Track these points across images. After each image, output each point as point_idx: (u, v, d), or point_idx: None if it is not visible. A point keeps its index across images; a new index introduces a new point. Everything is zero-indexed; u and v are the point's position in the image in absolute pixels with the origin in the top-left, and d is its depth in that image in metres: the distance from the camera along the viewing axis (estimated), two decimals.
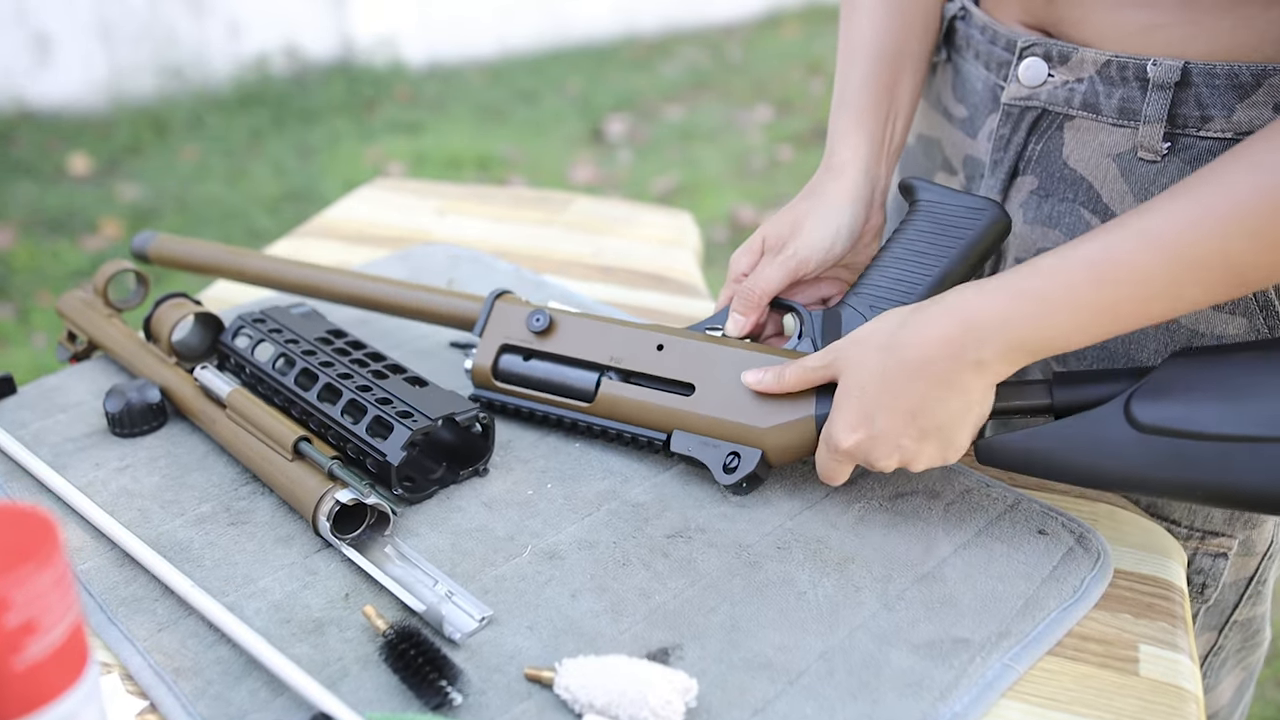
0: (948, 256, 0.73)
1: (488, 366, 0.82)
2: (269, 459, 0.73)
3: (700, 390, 0.75)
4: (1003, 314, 0.61)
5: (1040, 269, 0.61)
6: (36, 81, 3.93)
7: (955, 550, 0.70)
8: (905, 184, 0.77)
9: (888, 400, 0.65)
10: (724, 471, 0.73)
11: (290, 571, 0.68)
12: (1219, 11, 0.66)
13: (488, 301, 0.83)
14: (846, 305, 0.74)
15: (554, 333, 0.81)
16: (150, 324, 0.86)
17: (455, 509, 0.74)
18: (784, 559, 0.69)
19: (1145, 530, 0.74)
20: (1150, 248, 0.58)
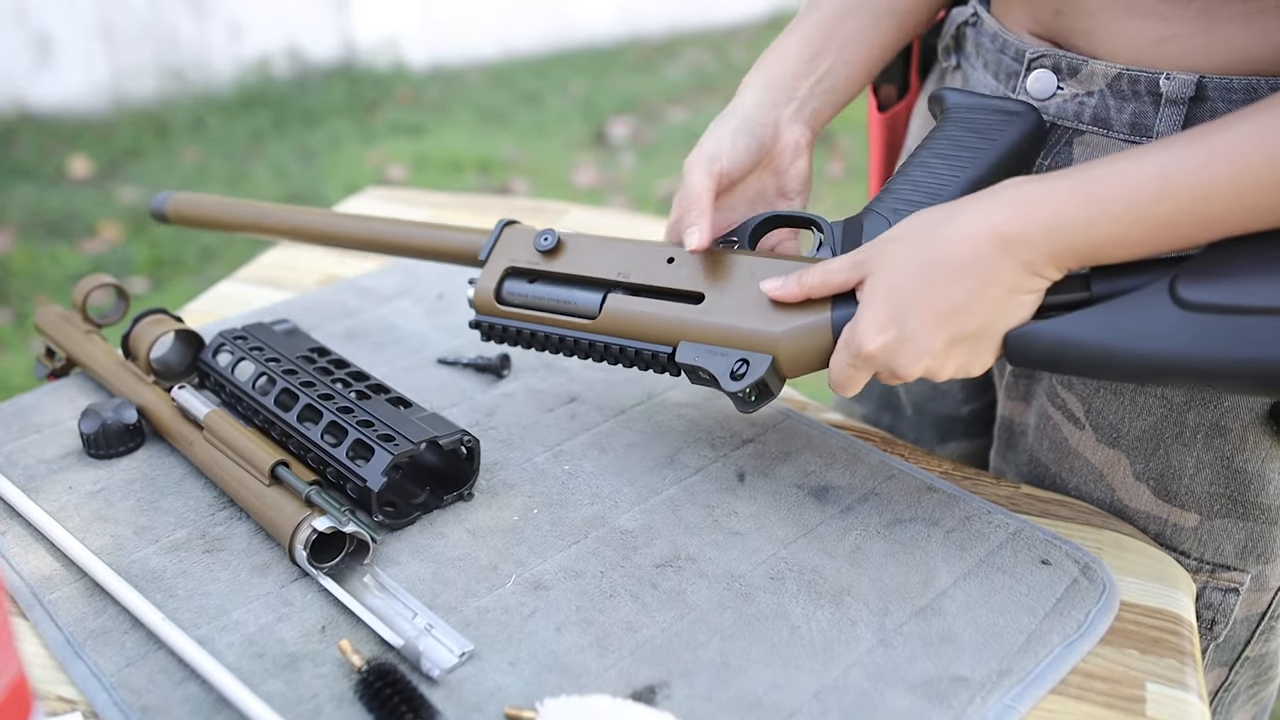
0: (979, 161, 0.68)
1: (491, 290, 0.79)
2: (246, 484, 0.71)
3: (710, 298, 0.71)
4: (1059, 213, 0.57)
5: (1106, 173, 0.57)
6: (37, 83, 3.92)
7: (955, 581, 0.67)
8: (938, 94, 0.73)
9: (926, 298, 0.60)
10: (731, 378, 0.69)
11: (265, 602, 0.66)
12: (1238, 22, 0.64)
13: (496, 228, 0.81)
14: (871, 211, 0.70)
15: (561, 252, 0.78)
16: (128, 341, 0.84)
17: (438, 535, 0.72)
18: (777, 590, 0.67)
19: (1153, 560, 0.72)
20: (1224, 163, 0.55)
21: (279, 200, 3.36)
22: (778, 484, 0.77)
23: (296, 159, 3.69)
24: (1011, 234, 0.58)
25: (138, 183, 3.48)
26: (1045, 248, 0.58)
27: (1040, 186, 0.59)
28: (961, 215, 0.60)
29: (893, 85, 0.92)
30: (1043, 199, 0.58)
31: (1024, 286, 0.60)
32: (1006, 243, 0.58)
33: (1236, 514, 0.74)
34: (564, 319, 0.76)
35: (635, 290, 0.75)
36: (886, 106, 0.93)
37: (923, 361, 0.62)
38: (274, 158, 3.69)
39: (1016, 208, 0.58)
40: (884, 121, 0.94)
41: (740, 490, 0.76)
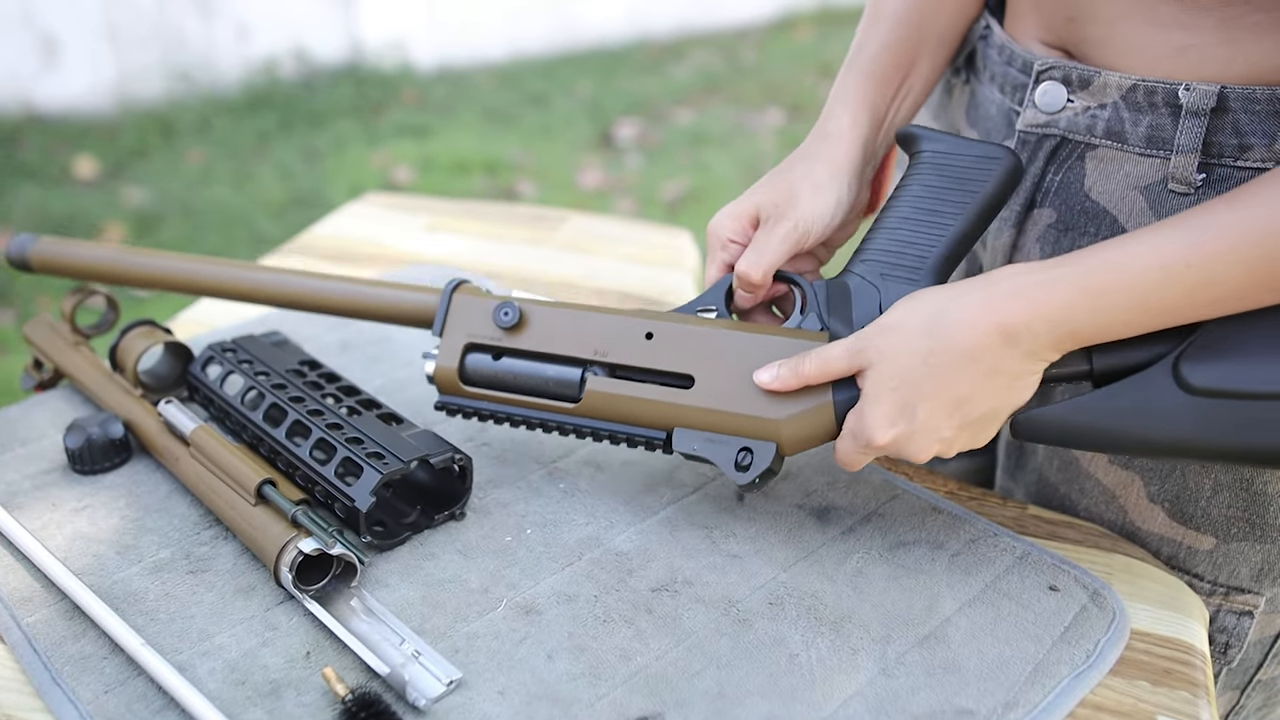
0: (962, 214, 0.66)
1: (453, 369, 0.73)
2: (232, 502, 0.69)
3: (701, 381, 0.68)
4: (1065, 308, 0.58)
5: (1108, 264, 0.57)
6: (43, 84, 3.91)
7: (960, 608, 0.65)
8: (905, 133, 0.70)
9: (933, 390, 0.60)
10: (736, 470, 0.67)
11: (249, 626, 0.64)
12: (1260, 31, 0.61)
13: (444, 295, 0.74)
14: (852, 274, 0.68)
15: (525, 327, 0.72)
16: (115, 353, 0.82)
17: (428, 556, 0.70)
18: (776, 616, 0.65)
19: (1165, 585, 0.69)
20: (1229, 251, 0.55)
21: (283, 203, 3.35)
22: (778, 504, 0.75)
23: (301, 160, 3.67)
24: (1016, 326, 0.58)
25: (143, 184, 3.47)
26: (1050, 337, 0.58)
27: (1039, 277, 0.58)
28: (962, 307, 0.59)
29: None
30: (1044, 291, 0.58)
31: (1028, 371, 0.60)
32: (1010, 334, 0.58)
33: (1254, 536, 0.71)
34: (542, 402, 0.72)
35: (614, 368, 0.71)
36: None
37: (934, 448, 0.62)
38: (279, 159, 3.68)
39: (1018, 300, 0.58)
40: None
41: (739, 510, 0.74)
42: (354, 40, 4.46)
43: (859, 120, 0.73)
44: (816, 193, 0.70)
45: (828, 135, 0.72)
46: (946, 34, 0.77)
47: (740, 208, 0.71)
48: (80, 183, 3.47)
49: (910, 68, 0.76)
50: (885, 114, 0.75)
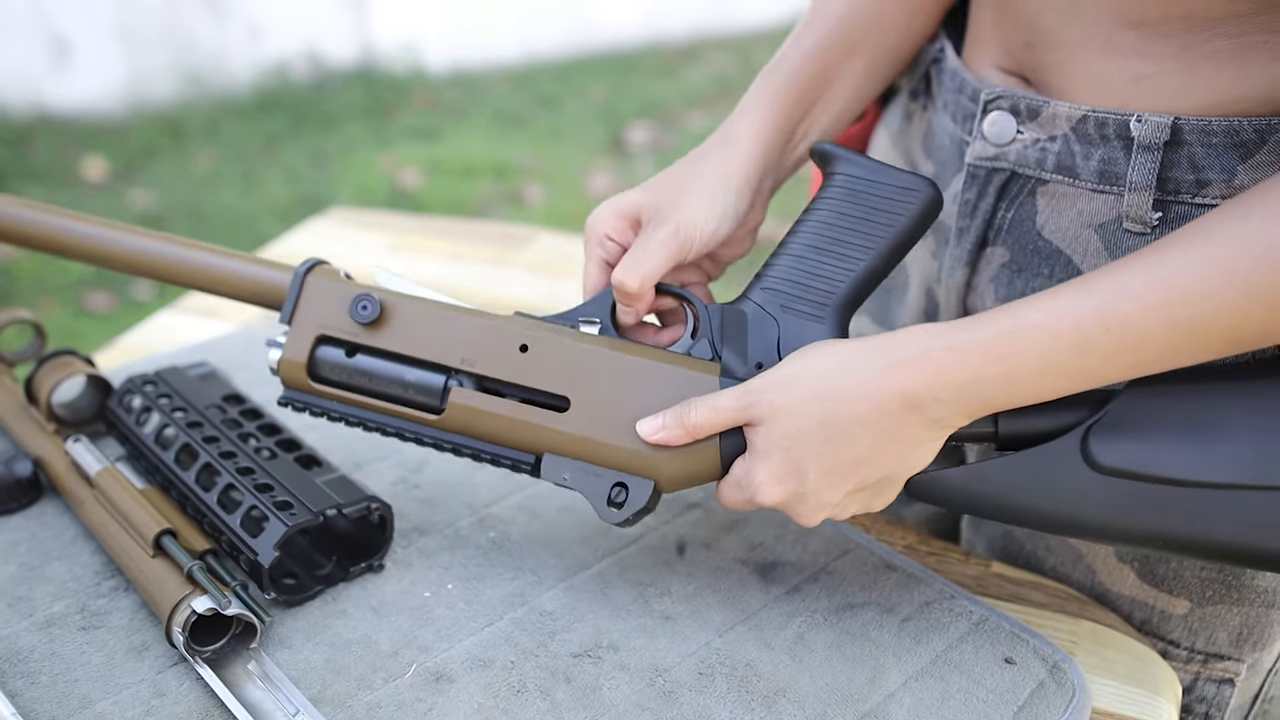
0: (873, 248, 0.60)
1: (301, 363, 0.65)
2: (130, 553, 0.65)
3: (576, 405, 0.61)
4: (973, 375, 0.53)
5: (1020, 328, 0.52)
6: (55, 84, 3.90)
7: (905, 682, 0.60)
8: (821, 150, 0.63)
9: (828, 453, 0.55)
10: (608, 506, 0.61)
11: (135, 692, 0.59)
12: (1220, 59, 0.56)
13: (296, 277, 0.66)
14: (749, 301, 0.61)
15: (386, 323, 0.64)
16: (30, 384, 0.78)
17: (339, 614, 0.65)
18: (704, 689, 0.60)
19: (1134, 656, 0.64)
20: (1150, 313, 0.50)
21: (289, 205, 3.32)
22: (720, 558, 0.70)
23: (309, 163, 3.65)
24: (920, 394, 0.53)
25: (151, 186, 3.45)
26: (957, 406, 0.53)
27: (946, 340, 0.53)
28: (863, 370, 0.54)
29: None
30: (951, 357, 0.53)
31: (930, 438, 0.55)
32: (914, 402, 0.53)
33: (1231, 599, 0.66)
34: (400, 409, 0.65)
35: (483, 380, 0.64)
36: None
37: (823, 512, 0.58)
38: (287, 161, 3.66)
39: (924, 368, 0.53)
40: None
41: (678, 565, 0.69)
42: (366, 43, 4.43)
43: (764, 128, 0.67)
44: (703, 198, 0.63)
45: (727, 138, 0.66)
46: (884, 52, 0.71)
47: (622, 204, 0.65)
48: (88, 185, 3.45)
49: (833, 81, 0.69)
50: (797, 126, 0.69)
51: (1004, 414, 0.56)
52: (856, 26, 0.70)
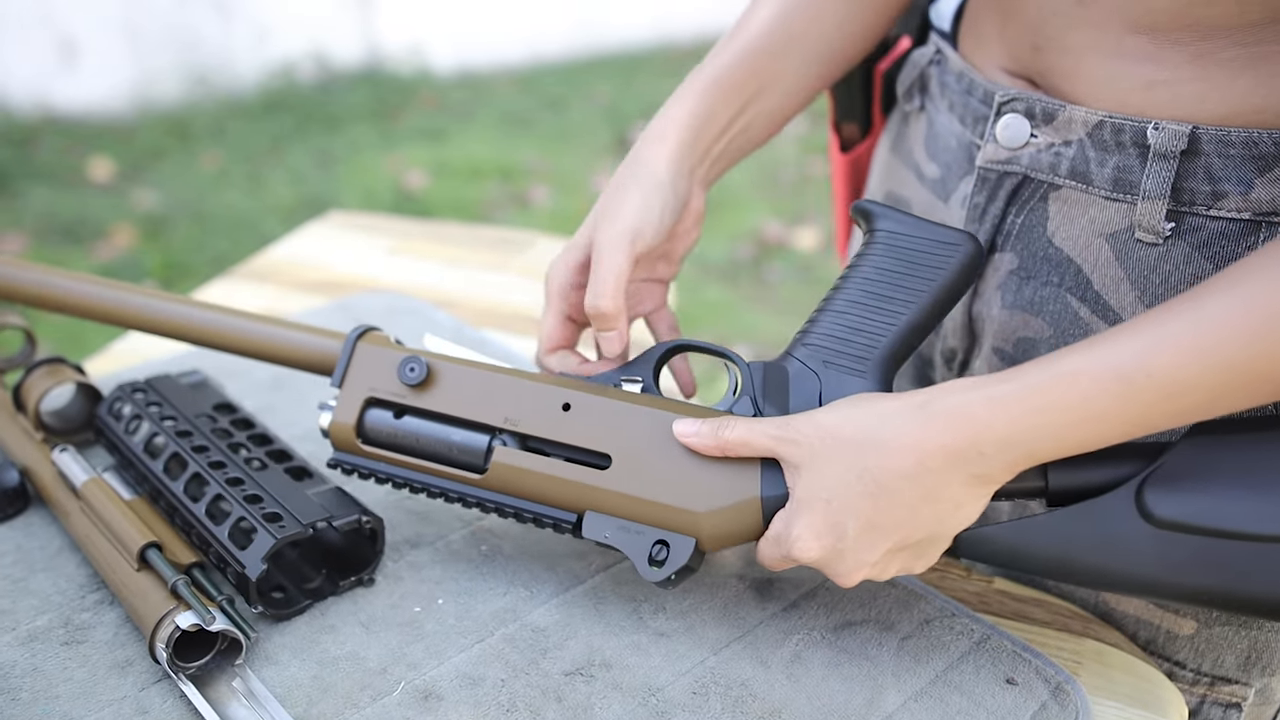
0: (915, 303, 0.59)
1: (350, 425, 0.66)
2: (115, 566, 0.64)
3: (618, 462, 0.61)
4: (1013, 428, 0.51)
5: (1060, 376, 0.50)
6: (62, 85, 3.90)
7: (904, 703, 0.59)
8: (863, 208, 0.63)
9: (867, 509, 0.53)
10: (650, 564, 0.60)
11: (117, 710, 0.58)
12: (1235, 68, 0.54)
13: (347, 344, 0.68)
14: (792, 358, 0.61)
15: (433, 385, 0.66)
16: (19, 392, 0.77)
17: (327, 629, 0.64)
18: (698, 708, 0.58)
19: (1139, 677, 0.62)
20: (1193, 358, 0.48)
21: (293, 206, 3.31)
22: (717, 574, 0.68)
23: (315, 164, 3.64)
24: (962, 448, 0.51)
25: (157, 186, 3.45)
26: (1001, 460, 0.51)
27: (984, 394, 0.51)
28: (903, 423, 0.52)
29: (855, 124, 0.83)
30: (991, 410, 0.51)
31: (973, 496, 0.53)
32: (956, 457, 0.51)
33: (1238, 621, 0.64)
34: (445, 470, 0.65)
35: (526, 439, 0.64)
36: (849, 146, 0.84)
37: (861, 571, 0.56)
38: (292, 162, 3.65)
39: (964, 422, 0.51)
40: (847, 162, 0.85)
41: None
42: (372, 44, 4.43)
43: (691, 120, 0.67)
44: (640, 197, 0.64)
45: (653, 137, 0.67)
46: (825, 44, 0.71)
47: (574, 253, 0.67)
48: (92, 185, 3.45)
49: (764, 81, 0.70)
50: (733, 120, 0.69)
51: (1054, 467, 0.55)
52: (786, 32, 0.70)
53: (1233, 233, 0.57)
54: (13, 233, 3.10)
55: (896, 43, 0.79)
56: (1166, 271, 0.59)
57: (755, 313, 2.79)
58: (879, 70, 0.80)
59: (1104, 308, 0.62)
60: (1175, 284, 0.59)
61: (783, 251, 3.13)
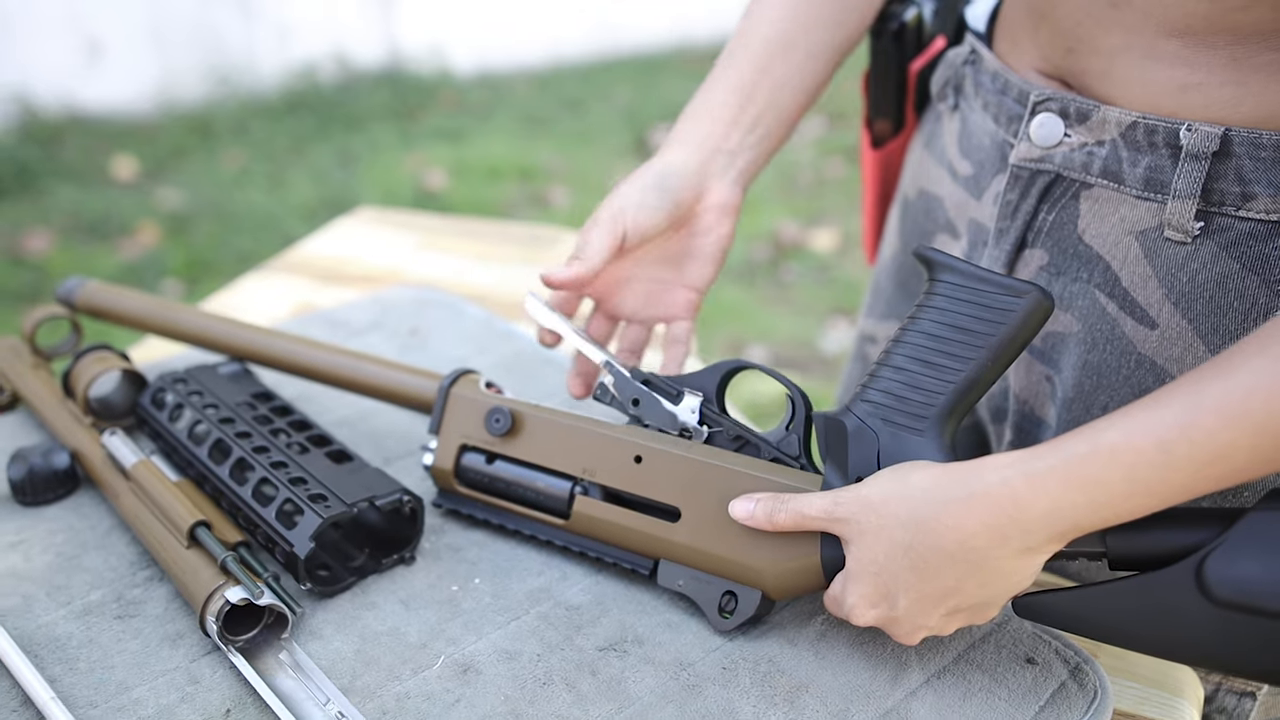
0: (975, 359, 0.58)
1: (449, 469, 0.72)
2: (165, 543, 0.66)
3: (687, 516, 0.64)
4: (1055, 503, 0.51)
5: (1099, 449, 0.50)
6: (86, 85, 3.94)
7: (927, 680, 0.61)
8: (924, 256, 0.61)
9: (914, 583, 0.55)
10: (720, 614, 0.64)
11: (171, 680, 0.60)
12: (1269, 72, 0.56)
13: (440, 391, 0.73)
14: (851, 414, 0.61)
15: (518, 434, 0.70)
16: (68, 379, 0.80)
17: (369, 605, 0.66)
18: (728, 683, 0.60)
19: (1155, 661, 0.64)
20: (1231, 422, 0.47)
21: (314, 205, 3.35)
22: None
23: (336, 163, 3.67)
24: (1003, 526, 0.52)
25: (180, 185, 3.49)
26: (1045, 534, 0.52)
27: (1024, 470, 0.52)
28: (949, 502, 0.53)
29: (887, 121, 0.85)
30: (1032, 491, 0.51)
31: (1022, 565, 0.54)
32: (998, 534, 0.52)
33: None
34: (534, 514, 0.70)
35: (605, 489, 0.68)
36: (881, 142, 0.86)
37: (920, 633, 0.58)
38: (314, 162, 3.68)
39: (1006, 502, 0.52)
40: (879, 159, 0.87)
41: None
42: (393, 44, 4.46)
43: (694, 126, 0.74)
44: (635, 187, 0.71)
45: (671, 141, 0.74)
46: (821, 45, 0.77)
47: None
48: (117, 184, 3.49)
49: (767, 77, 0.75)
50: (734, 118, 0.74)
51: (1113, 533, 0.54)
52: (790, 32, 0.75)
53: (1261, 234, 0.59)
54: (40, 230, 3.14)
55: (932, 42, 0.81)
56: (1194, 270, 0.61)
57: (772, 313, 2.81)
58: (914, 69, 0.82)
59: (1131, 304, 0.64)
60: (1202, 282, 0.61)
61: (799, 252, 3.15)
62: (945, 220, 0.77)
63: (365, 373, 0.77)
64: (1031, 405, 0.72)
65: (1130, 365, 0.65)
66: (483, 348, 0.94)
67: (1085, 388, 0.67)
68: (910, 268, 0.83)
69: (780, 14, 0.76)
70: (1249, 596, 0.50)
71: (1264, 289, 0.59)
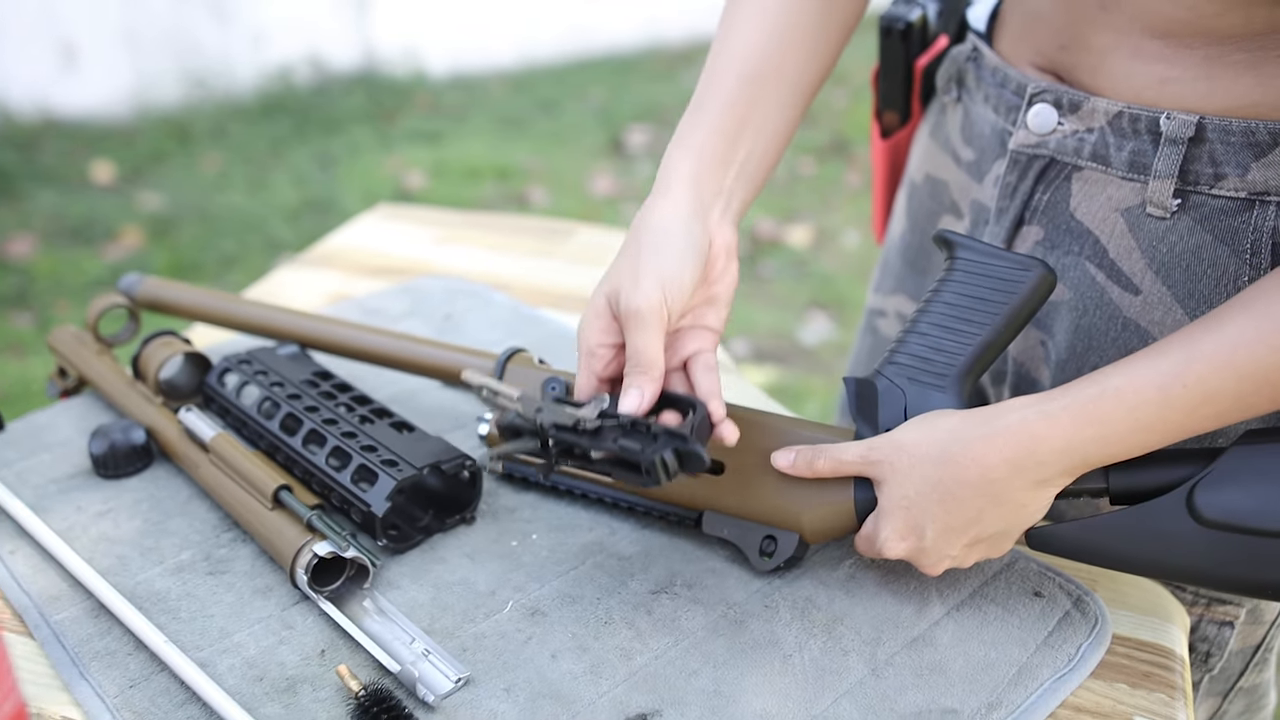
0: (990, 324, 0.67)
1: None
2: (249, 507, 0.72)
3: (730, 469, 0.71)
4: (1067, 438, 0.60)
5: (1106, 390, 0.59)
6: (62, 89, 3.96)
7: (948, 612, 0.68)
8: (944, 237, 0.70)
9: (941, 515, 0.63)
10: (760, 555, 0.71)
11: (267, 625, 0.67)
12: (1239, 69, 0.64)
13: (498, 366, 0.79)
14: (881, 376, 0.69)
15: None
16: (137, 362, 0.85)
17: (438, 560, 0.73)
18: (770, 618, 0.68)
19: (1146, 592, 0.72)
20: (1219, 369, 0.57)
21: (297, 208, 3.38)
22: None
23: (316, 166, 3.71)
24: (1021, 459, 0.60)
25: (160, 189, 3.51)
26: (1056, 467, 0.61)
27: (1039, 411, 0.61)
28: (971, 440, 0.62)
29: (895, 113, 0.92)
30: (1048, 425, 0.60)
31: (1036, 498, 0.62)
32: (1017, 467, 0.61)
33: None
34: (585, 474, 0.75)
35: None
36: (889, 133, 0.94)
37: (945, 563, 0.66)
38: (293, 164, 3.72)
39: (1024, 437, 0.60)
40: (887, 148, 0.94)
41: None
42: (368, 47, 4.50)
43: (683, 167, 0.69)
44: (661, 260, 0.65)
45: (655, 191, 0.69)
46: (797, 73, 0.74)
47: (598, 306, 0.68)
48: (97, 188, 3.51)
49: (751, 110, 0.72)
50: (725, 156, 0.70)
51: (1114, 471, 0.63)
52: (768, 60, 0.72)
53: (1230, 209, 0.66)
54: (22, 234, 3.16)
55: (935, 40, 0.89)
56: (1172, 242, 0.69)
57: (752, 308, 2.88)
58: (919, 66, 0.89)
59: (1118, 273, 0.71)
60: (1179, 253, 0.69)
61: (776, 248, 3.23)
62: (950, 202, 0.85)
63: (425, 354, 0.84)
64: (1028, 368, 0.79)
65: (1117, 328, 0.72)
66: (513, 331, 1.01)
67: (1077, 349, 0.75)
68: (917, 246, 0.91)
69: (756, 48, 0.73)
70: (1232, 517, 0.59)
71: (1233, 258, 0.67)
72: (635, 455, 0.62)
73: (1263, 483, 0.60)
